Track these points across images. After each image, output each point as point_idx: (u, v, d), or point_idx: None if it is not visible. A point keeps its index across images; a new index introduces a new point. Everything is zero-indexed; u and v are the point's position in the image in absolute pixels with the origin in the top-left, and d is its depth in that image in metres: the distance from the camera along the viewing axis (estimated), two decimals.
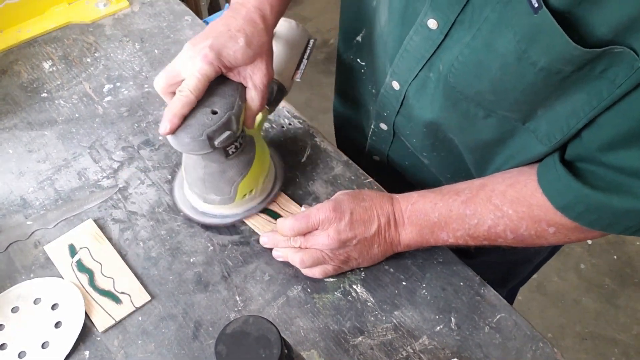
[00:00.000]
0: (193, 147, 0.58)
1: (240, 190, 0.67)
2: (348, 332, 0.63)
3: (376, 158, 0.83)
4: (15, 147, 0.79)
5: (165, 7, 1.00)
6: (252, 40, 0.60)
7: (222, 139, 0.59)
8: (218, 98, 0.59)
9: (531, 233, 0.59)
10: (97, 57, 0.91)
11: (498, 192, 0.60)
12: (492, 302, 0.65)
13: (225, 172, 0.65)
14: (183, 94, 0.57)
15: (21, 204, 0.73)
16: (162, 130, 0.57)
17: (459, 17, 0.54)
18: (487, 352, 0.62)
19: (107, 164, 0.77)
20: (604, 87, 0.48)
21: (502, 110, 0.57)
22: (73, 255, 0.68)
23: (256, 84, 0.62)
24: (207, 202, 0.68)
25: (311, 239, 0.63)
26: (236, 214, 0.70)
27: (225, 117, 0.58)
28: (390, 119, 0.73)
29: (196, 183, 0.67)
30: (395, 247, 0.65)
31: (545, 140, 0.56)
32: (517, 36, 0.48)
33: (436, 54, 0.59)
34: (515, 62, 0.50)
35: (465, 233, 0.62)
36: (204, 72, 0.58)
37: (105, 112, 0.84)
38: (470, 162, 0.70)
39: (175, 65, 0.60)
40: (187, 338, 0.62)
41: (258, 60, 0.61)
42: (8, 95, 0.86)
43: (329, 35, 2.52)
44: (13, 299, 0.64)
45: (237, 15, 0.62)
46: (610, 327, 1.70)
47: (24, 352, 0.60)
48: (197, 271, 0.67)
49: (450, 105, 0.61)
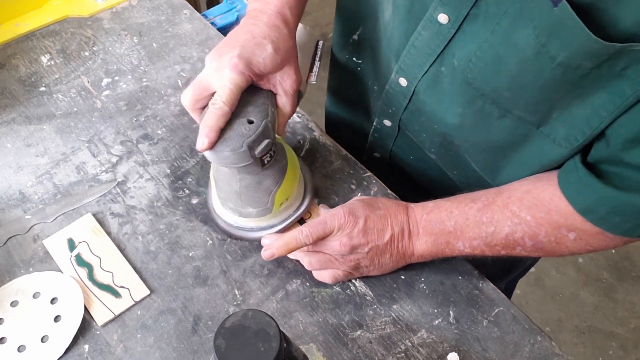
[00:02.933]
0: (233, 160, 0.57)
1: (277, 200, 0.65)
2: (347, 326, 0.63)
3: (377, 155, 0.82)
4: (13, 141, 0.79)
5: (163, 0, 1.00)
6: (279, 46, 0.59)
7: (261, 148, 0.57)
8: (252, 107, 0.58)
9: (550, 239, 0.58)
10: (95, 51, 0.91)
11: (515, 198, 0.59)
12: (491, 296, 0.65)
13: (262, 182, 0.63)
14: (217, 107, 0.55)
15: (20, 198, 0.73)
16: (200, 147, 0.55)
17: (471, 10, 0.53)
18: (485, 345, 0.62)
19: (106, 158, 0.77)
20: (627, 85, 0.47)
21: (518, 110, 0.56)
22: (72, 249, 0.68)
23: (286, 90, 0.61)
24: (244, 215, 0.66)
25: (322, 242, 0.63)
26: (273, 225, 0.68)
27: (262, 125, 0.57)
28: (396, 115, 0.72)
29: (231, 197, 0.65)
30: (408, 258, 0.64)
31: (565, 143, 0.55)
32: (536, 30, 0.47)
33: (447, 49, 0.57)
34: (534, 57, 0.49)
35: (482, 242, 0.61)
36: (235, 82, 0.56)
37: (104, 106, 0.83)
38: (479, 167, 0.68)
39: (203, 79, 0.58)
40: (186, 332, 0.62)
41: (286, 66, 0.60)
42: (6, 90, 0.86)
43: (327, 29, 2.51)
44: (12, 293, 0.64)
45: (259, 22, 0.60)
46: (608, 320, 1.71)
47: (24, 346, 0.60)
48: (196, 265, 0.67)
49: (466, 101, 0.60)
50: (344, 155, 0.78)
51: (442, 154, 0.72)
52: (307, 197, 0.70)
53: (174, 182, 0.75)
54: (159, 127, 0.81)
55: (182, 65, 0.89)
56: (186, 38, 0.93)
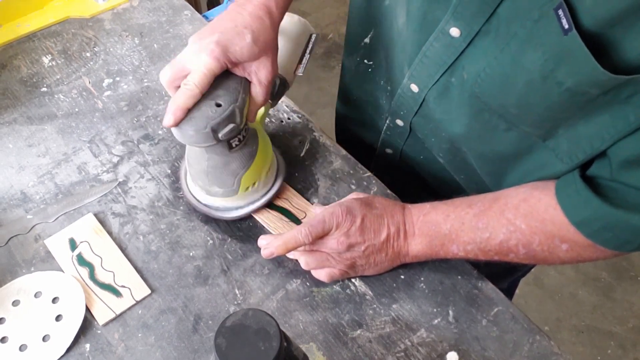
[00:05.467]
0: (197, 140, 0.59)
1: (244, 183, 0.67)
2: (347, 325, 0.63)
3: (389, 151, 0.83)
4: (15, 141, 0.80)
5: (164, 1, 1.00)
6: (258, 37, 0.60)
7: (225, 131, 0.59)
8: (222, 91, 0.60)
9: (544, 248, 0.58)
10: (96, 52, 0.91)
11: (511, 205, 0.59)
12: (490, 296, 0.66)
13: (229, 164, 0.65)
14: (188, 87, 0.57)
15: (21, 198, 0.73)
16: (166, 123, 0.58)
17: (483, 27, 0.53)
18: (484, 345, 0.62)
19: (107, 158, 0.78)
20: (631, 111, 0.47)
21: (524, 125, 0.57)
22: (73, 249, 0.68)
23: (261, 80, 0.62)
24: (210, 194, 0.69)
25: (320, 241, 0.63)
26: (239, 206, 0.70)
27: (229, 109, 0.59)
28: (408, 117, 0.72)
29: (200, 175, 0.67)
30: (403, 258, 0.65)
31: (566, 159, 0.56)
32: (545, 55, 0.48)
33: (458, 61, 0.58)
34: (541, 80, 0.49)
35: (476, 247, 0.61)
36: (209, 67, 0.58)
37: (105, 107, 0.84)
38: (484, 174, 0.69)
39: (181, 59, 0.60)
40: (187, 331, 0.63)
41: (263, 57, 0.61)
42: (8, 90, 0.86)
43: (328, 29, 2.51)
44: (14, 293, 0.64)
45: (243, 11, 0.62)
46: (607, 320, 1.71)
47: (25, 345, 0.60)
48: (197, 265, 0.68)
49: (473, 113, 0.60)
50: (343, 155, 0.78)
51: (450, 159, 0.73)
52: (277, 183, 0.72)
53: (174, 182, 0.75)
54: (160, 127, 0.81)
55: None
56: (187, 39, 0.92)
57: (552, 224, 0.57)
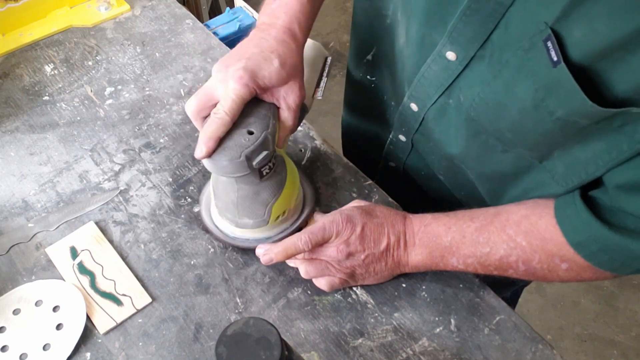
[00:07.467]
0: (231, 170, 0.57)
1: (274, 212, 0.65)
2: (348, 333, 0.63)
3: (392, 164, 0.83)
4: (17, 149, 0.80)
5: (166, 10, 1.01)
6: (285, 61, 0.59)
7: (259, 159, 0.57)
8: (253, 119, 0.58)
9: (543, 267, 0.58)
10: (98, 61, 0.92)
11: (512, 222, 0.59)
12: (492, 304, 0.65)
13: (259, 194, 0.63)
14: (218, 116, 0.56)
15: (23, 206, 0.73)
16: (198, 154, 0.56)
17: (478, 52, 0.54)
18: (486, 354, 0.62)
19: (109, 167, 0.78)
20: (624, 141, 0.47)
21: (520, 148, 0.57)
22: (74, 257, 0.68)
23: (290, 104, 0.61)
24: (240, 226, 0.66)
25: (319, 249, 0.63)
26: (269, 237, 0.68)
27: (262, 136, 0.57)
28: (409, 134, 0.73)
29: (228, 207, 0.65)
30: (402, 268, 0.64)
31: (562, 182, 0.56)
32: (536, 84, 0.48)
33: (455, 83, 0.58)
34: (533, 109, 0.49)
35: (476, 260, 0.61)
36: (239, 93, 0.56)
37: (107, 115, 0.84)
38: (483, 192, 0.69)
39: (208, 88, 0.58)
40: (188, 340, 0.62)
41: (291, 81, 0.61)
42: (10, 99, 0.86)
43: (329, 38, 2.52)
44: (14, 301, 0.64)
45: (268, 36, 0.61)
46: (610, 328, 1.71)
47: (26, 354, 0.60)
48: (198, 273, 0.67)
49: (470, 135, 0.61)
50: (345, 164, 0.78)
51: (449, 176, 0.74)
52: (306, 211, 0.70)
53: (176, 190, 0.75)
54: (162, 135, 0.81)
55: (184, 75, 0.89)
56: (188, 48, 0.94)
57: (552, 243, 0.56)
